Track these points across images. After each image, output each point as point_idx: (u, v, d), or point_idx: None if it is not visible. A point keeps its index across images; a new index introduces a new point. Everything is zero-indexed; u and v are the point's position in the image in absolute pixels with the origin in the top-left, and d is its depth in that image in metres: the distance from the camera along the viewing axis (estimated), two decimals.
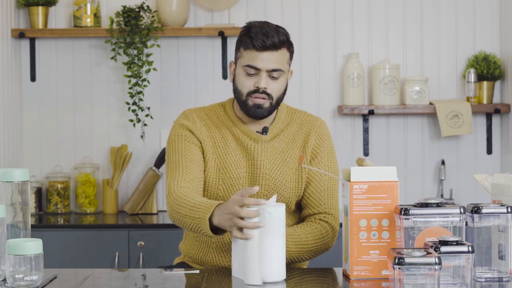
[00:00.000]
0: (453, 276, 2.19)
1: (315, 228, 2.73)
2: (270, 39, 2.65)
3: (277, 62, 2.68)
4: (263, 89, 2.68)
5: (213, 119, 2.80)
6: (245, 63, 2.69)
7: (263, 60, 2.66)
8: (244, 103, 2.71)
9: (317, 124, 2.83)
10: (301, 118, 2.84)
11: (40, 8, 4.33)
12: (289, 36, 2.72)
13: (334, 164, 2.83)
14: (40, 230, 3.95)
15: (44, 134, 4.49)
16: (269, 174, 2.74)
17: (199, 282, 2.44)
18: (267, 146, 2.76)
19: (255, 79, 2.69)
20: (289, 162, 2.77)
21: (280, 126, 2.80)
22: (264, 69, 2.67)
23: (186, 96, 4.48)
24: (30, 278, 2.24)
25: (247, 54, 2.68)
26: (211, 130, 2.77)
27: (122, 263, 3.98)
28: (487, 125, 4.45)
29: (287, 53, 2.71)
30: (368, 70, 4.48)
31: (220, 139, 2.77)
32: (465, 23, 4.48)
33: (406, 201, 4.40)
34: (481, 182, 2.56)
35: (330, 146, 2.83)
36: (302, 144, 2.79)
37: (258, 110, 2.70)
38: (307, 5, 4.48)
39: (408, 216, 2.26)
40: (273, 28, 2.68)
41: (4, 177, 2.37)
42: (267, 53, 2.66)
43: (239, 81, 2.71)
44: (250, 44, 2.67)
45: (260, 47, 2.65)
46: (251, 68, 2.68)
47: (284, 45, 2.69)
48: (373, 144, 4.49)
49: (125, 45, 4.26)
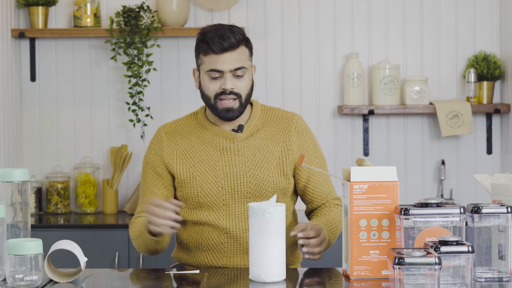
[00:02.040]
0: (453, 276, 2.19)
1: (337, 213, 2.81)
2: (227, 40, 2.71)
3: (238, 61, 2.73)
4: (230, 90, 2.73)
5: (183, 130, 2.85)
6: (207, 68, 2.74)
7: (224, 62, 2.72)
8: (213, 107, 2.76)
9: (294, 120, 2.87)
10: (277, 115, 2.88)
11: (40, 8, 4.32)
12: (245, 33, 2.77)
13: (320, 153, 2.89)
14: (40, 230, 3.95)
15: (44, 134, 4.49)
16: (250, 172, 2.77)
17: (199, 282, 2.44)
18: (243, 144, 2.79)
19: (220, 82, 2.74)
20: (270, 158, 2.80)
21: (256, 123, 2.84)
22: (227, 70, 2.72)
23: (186, 96, 4.48)
24: (30, 278, 2.24)
25: (208, 59, 2.74)
26: (180, 144, 2.83)
27: (122, 263, 3.98)
28: (487, 125, 4.45)
29: (246, 49, 2.77)
30: (368, 70, 4.48)
31: (190, 149, 2.82)
32: (465, 23, 4.48)
33: (406, 201, 4.40)
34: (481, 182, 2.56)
35: (313, 138, 2.89)
36: (283, 140, 2.83)
37: (229, 113, 2.76)
38: (307, 5, 4.48)
39: (408, 216, 2.26)
40: (227, 29, 2.74)
41: (4, 177, 2.37)
42: (226, 54, 2.72)
43: (205, 86, 2.77)
44: (208, 49, 2.72)
45: (219, 49, 2.71)
46: (215, 72, 2.73)
47: (241, 43, 2.74)
48: (373, 144, 4.49)
49: (125, 45, 4.26)
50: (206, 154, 2.79)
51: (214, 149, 2.79)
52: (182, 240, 2.85)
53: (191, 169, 2.79)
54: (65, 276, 2.40)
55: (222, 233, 2.77)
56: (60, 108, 4.49)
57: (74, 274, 2.42)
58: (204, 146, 2.80)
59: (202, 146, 2.80)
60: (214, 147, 2.79)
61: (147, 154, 2.89)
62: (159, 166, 2.83)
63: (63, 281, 2.37)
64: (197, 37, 2.78)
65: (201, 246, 2.80)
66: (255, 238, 2.36)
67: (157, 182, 2.83)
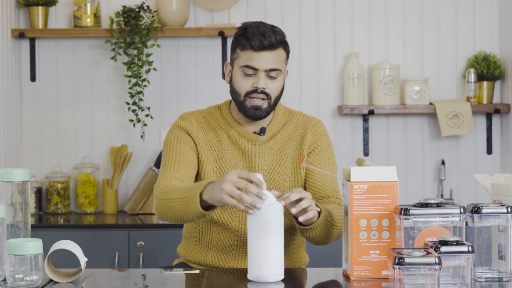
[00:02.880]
0: (453, 276, 2.19)
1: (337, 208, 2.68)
2: (268, 39, 2.65)
3: (275, 62, 2.68)
4: (261, 89, 2.68)
5: (209, 122, 2.79)
6: (242, 63, 2.69)
7: (260, 60, 2.66)
8: (242, 104, 2.71)
9: (312, 123, 2.83)
10: (297, 118, 2.84)
11: (40, 8, 4.33)
12: (285, 36, 2.72)
13: (333, 158, 2.82)
14: (40, 230, 3.96)
15: (44, 134, 4.49)
16: (267, 176, 2.74)
17: (199, 282, 2.44)
18: (264, 147, 2.76)
19: (253, 80, 2.69)
20: (286, 161, 2.77)
21: (277, 126, 2.80)
22: (262, 69, 2.67)
23: (186, 96, 4.48)
24: (30, 278, 2.24)
25: (244, 54, 2.68)
26: (208, 133, 2.77)
27: (122, 263, 3.98)
28: (487, 125, 4.45)
29: (284, 52, 2.72)
30: (368, 70, 4.48)
31: (216, 142, 2.77)
32: (465, 23, 4.48)
33: (406, 201, 4.40)
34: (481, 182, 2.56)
35: (329, 142, 2.83)
36: (299, 143, 2.79)
37: (256, 112, 2.70)
38: (307, 5, 4.48)
39: (408, 216, 2.26)
40: (269, 28, 2.69)
41: (4, 177, 2.37)
42: (264, 53, 2.67)
43: (237, 82, 2.71)
44: (248, 44, 2.67)
45: (258, 47, 2.65)
46: (249, 69, 2.68)
47: (281, 45, 2.69)
48: (373, 144, 4.49)
49: (125, 45, 4.26)
50: (229, 152, 2.75)
51: (236, 148, 2.76)
52: (190, 236, 2.82)
53: (213, 163, 2.74)
54: (65, 276, 2.40)
55: (233, 235, 2.73)
56: (60, 108, 4.49)
57: (74, 274, 2.42)
58: (228, 144, 2.76)
59: (226, 143, 2.76)
60: (237, 147, 2.76)
61: (173, 131, 2.75)
62: (189, 140, 2.74)
63: (63, 281, 2.37)
64: (237, 31, 2.72)
65: (209, 245, 2.76)
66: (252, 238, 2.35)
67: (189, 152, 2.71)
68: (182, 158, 2.70)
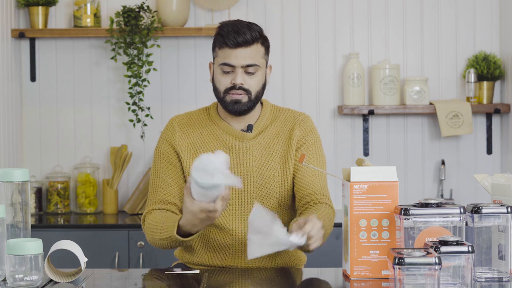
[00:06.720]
0: (453, 276, 2.19)
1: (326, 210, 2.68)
2: (242, 36, 2.71)
3: (251, 58, 2.73)
4: (239, 85, 2.73)
5: (195, 123, 2.84)
6: (220, 61, 2.75)
7: (236, 57, 2.72)
8: (222, 100, 2.76)
9: (300, 119, 2.86)
10: (285, 114, 2.87)
11: (40, 8, 4.33)
12: (262, 32, 2.77)
13: (321, 153, 2.84)
14: (40, 230, 3.96)
15: (44, 134, 4.49)
16: (256, 172, 2.76)
17: (199, 282, 2.44)
18: (251, 143, 2.79)
19: (231, 76, 2.74)
20: (275, 157, 2.79)
21: (265, 123, 2.83)
22: (238, 65, 2.72)
23: (186, 96, 4.48)
24: (30, 278, 2.24)
25: (222, 52, 2.74)
26: (191, 136, 2.82)
27: (122, 263, 3.98)
28: (487, 125, 4.45)
29: (262, 48, 2.76)
30: (368, 70, 4.48)
31: (200, 143, 2.81)
32: (465, 23, 4.48)
33: (406, 201, 4.40)
34: (481, 182, 2.56)
35: (317, 137, 2.85)
36: (287, 138, 2.81)
37: (236, 106, 2.74)
38: (307, 5, 4.48)
39: (408, 216, 2.26)
40: (245, 25, 2.74)
41: (4, 177, 2.37)
42: (240, 49, 2.71)
43: (217, 79, 2.77)
44: (223, 42, 2.73)
45: (233, 44, 2.71)
46: (227, 66, 2.73)
47: (256, 41, 2.74)
48: (373, 144, 4.49)
49: (125, 45, 4.26)
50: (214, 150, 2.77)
51: (223, 146, 2.78)
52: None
53: None
54: (65, 276, 2.40)
55: (227, 234, 2.75)
56: (60, 108, 4.49)
57: (74, 274, 2.42)
58: (214, 143, 2.79)
59: (212, 142, 2.79)
60: (223, 145, 2.78)
61: (159, 145, 2.86)
62: (172, 155, 2.81)
63: (63, 281, 2.38)
64: (216, 31, 2.78)
65: (205, 246, 2.78)
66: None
67: (171, 172, 2.80)
68: (165, 180, 2.79)
